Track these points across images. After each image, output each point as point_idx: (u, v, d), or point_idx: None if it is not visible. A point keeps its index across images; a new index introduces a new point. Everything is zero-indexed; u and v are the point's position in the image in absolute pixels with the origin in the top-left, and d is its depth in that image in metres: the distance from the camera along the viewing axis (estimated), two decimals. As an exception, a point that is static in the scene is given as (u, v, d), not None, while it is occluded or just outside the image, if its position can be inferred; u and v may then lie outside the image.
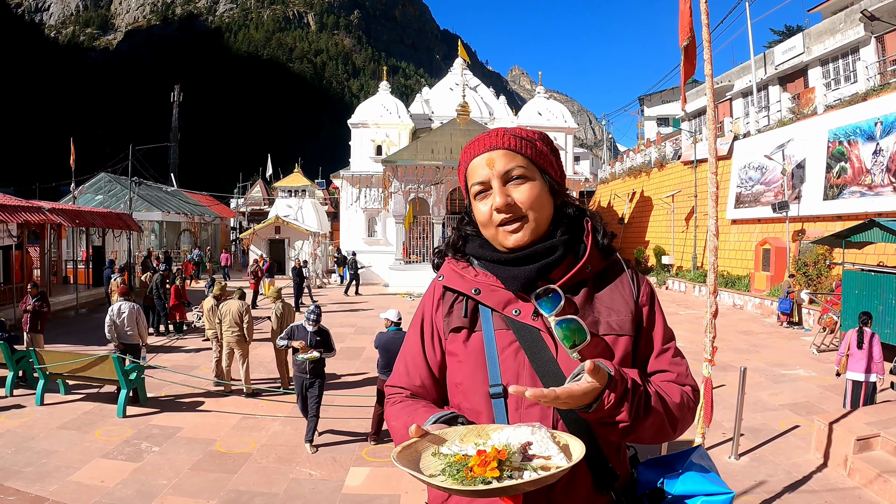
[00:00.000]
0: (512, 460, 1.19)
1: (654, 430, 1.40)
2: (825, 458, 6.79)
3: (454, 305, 1.59)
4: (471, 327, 1.55)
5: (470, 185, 1.56)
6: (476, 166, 1.54)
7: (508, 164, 1.50)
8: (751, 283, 20.35)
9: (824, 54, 24.22)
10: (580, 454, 1.20)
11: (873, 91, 18.47)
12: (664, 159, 31.75)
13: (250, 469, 6.60)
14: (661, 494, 1.52)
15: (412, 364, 1.65)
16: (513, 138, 1.52)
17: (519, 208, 1.49)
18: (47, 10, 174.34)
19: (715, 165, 4.90)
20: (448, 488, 1.16)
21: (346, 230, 29.44)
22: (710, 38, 4.86)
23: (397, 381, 1.67)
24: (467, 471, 1.17)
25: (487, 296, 1.53)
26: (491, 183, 1.51)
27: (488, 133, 1.56)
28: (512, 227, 1.50)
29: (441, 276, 1.65)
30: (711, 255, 4.92)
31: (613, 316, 1.52)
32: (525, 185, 1.50)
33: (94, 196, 33.91)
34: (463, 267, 1.61)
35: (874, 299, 11.99)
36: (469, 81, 32.39)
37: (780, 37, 38.80)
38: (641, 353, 1.56)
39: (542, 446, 1.23)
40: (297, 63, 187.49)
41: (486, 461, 1.17)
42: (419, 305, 1.70)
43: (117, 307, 9.58)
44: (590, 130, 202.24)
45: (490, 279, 1.55)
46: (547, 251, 1.51)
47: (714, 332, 5.00)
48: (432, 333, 1.63)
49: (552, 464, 1.19)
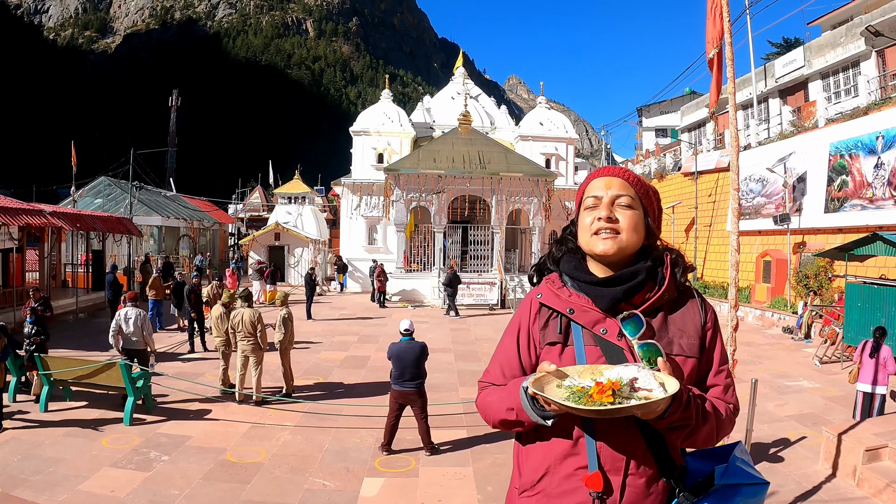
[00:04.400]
0: (623, 391, 1.49)
1: (706, 436, 1.69)
2: (834, 468, 6.81)
3: (549, 321, 1.84)
4: (564, 342, 1.80)
5: (585, 197, 1.86)
6: (595, 185, 1.84)
7: (621, 191, 1.81)
8: (751, 294, 20.39)
9: (825, 68, 24.36)
10: (675, 388, 1.48)
11: (874, 105, 18.58)
12: (664, 170, 31.84)
13: (263, 479, 6.54)
14: (711, 482, 1.74)
15: (507, 365, 1.91)
16: (632, 176, 1.86)
17: (617, 224, 1.77)
18: (46, 13, 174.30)
19: (737, 182, 4.90)
20: (567, 405, 1.47)
21: (347, 238, 29.35)
22: (732, 55, 4.86)
23: (492, 379, 1.93)
24: (587, 397, 1.48)
25: (580, 315, 1.78)
26: (602, 199, 1.80)
27: (615, 167, 1.94)
28: (605, 236, 1.77)
29: (540, 294, 1.88)
30: (732, 270, 4.93)
31: (685, 339, 1.79)
32: (628, 212, 1.79)
33: (93, 199, 33.79)
34: (559, 287, 1.86)
35: (877, 312, 12.02)
36: (470, 90, 32.43)
37: (779, 49, 39.03)
38: (702, 371, 1.83)
39: (646, 381, 1.53)
40: (296, 69, 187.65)
41: (603, 389, 1.47)
42: (515, 316, 1.96)
43: (124, 312, 9.53)
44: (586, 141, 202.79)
45: (582, 300, 1.80)
46: (631, 276, 1.77)
47: (734, 346, 5.00)
48: (528, 341, 1.88)
49: (653, 395, 1.48)
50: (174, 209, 37.53)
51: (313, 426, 8.38)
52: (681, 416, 1.59)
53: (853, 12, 25.88)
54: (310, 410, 9.07)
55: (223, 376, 10.02)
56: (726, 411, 1.76)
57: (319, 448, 7.52)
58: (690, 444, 1.72)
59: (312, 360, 12.81)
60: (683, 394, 1.59)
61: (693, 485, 1.75)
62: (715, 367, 1.83)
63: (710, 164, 26.04)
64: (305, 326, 16.28)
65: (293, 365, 10.24)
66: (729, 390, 1.82)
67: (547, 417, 1.63)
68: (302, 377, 10.98)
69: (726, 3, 4.76)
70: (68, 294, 19.46)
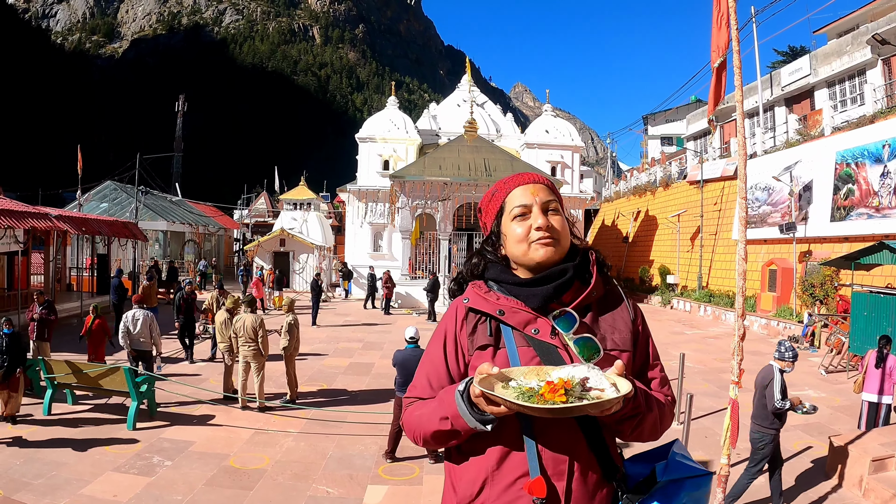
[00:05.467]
0: (574, 390, 1.44)
1: (651, 426, 1.69)
2: (840, 478, 6.78)
3: (478, 326, 1.77)
4: (496, 345, 1.74)
5: (510, 208, 1.82)
6: (519, 194, 1.82)
7: (548, 197, 1.80)
8: (757, 303, 20.30)
9: (831, 76, 24.34)
10: (628, 388, 1.45)
11: (881, 113, 18.54)
12: (669, 179, 31.78)
13: (266, 485, 6.52)
14: (653, 480, 1.73)
15: (435, 376, 1.80)
16: (549, 181, 1.87)
17: (555, 230, 1.76)
18: (54, 17, 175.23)
19: (744, 191, 4.87)
20: (521, 404, 1.40)
21: (352, 244, 29.39)
22: (740, 63, 4.84)
23: (419, 393, 1.82)
24: (538, 397, 1.42)
25: (510, 316, 1.73)
26: (532, 208, 1.78)
27: (529, 172, 1.90)
28: (546, 242, 1.74)
29: (467, 299, 1.82)
30: (739, 279, 4.89)
31: (617, 335, 1.78)
32: (558, 217, 1.80)
33: (99, 203, 33.91)
34: (485, 291, 1.80)
35: (883, 321, 11.95)
36: (476, 98, 32.47)
37: (785, 58, 39.04)
38: (636, 366, 1.82)
39: (598, 381, 1.49)
40: (302, 76, 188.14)
41: (555, 389, 1.42)
42: (440, 324, 1.88)
43: (132, 314, 9.77)
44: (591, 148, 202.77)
45: (511, 302, 1.75)
46: (560, 273, 1.75)
47: (742, 355, 4.96)
48: (456, 349, 1.79)
49: (605, 395, 1.44)
50: (180, 214, 37.62)
51: (317, 433, 8.36)
52: (632, 407, 1.58)
53: (859, 21, 25.89)
54: (313, 417, 9.05)
55: (226, 382, 10.00)
56: (666, 402, 1.77)
57: (323, 455, 7.49)
58: (637, 436, 1.69)
59: (316, 366, 12.79)
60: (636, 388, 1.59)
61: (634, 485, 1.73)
62: (651, 362, 1.85)
63: (716, 172, 26.00)
64: (310, 333, 16.26)
65: (296, 370, 10.22)
66: (664, 382, 1.84)
67: (486, 422, 1.54)
68: (306, 383, 10.96)
69: (734, 12, 4.74)
70: (73, 298, 19.51)
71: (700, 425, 8.71)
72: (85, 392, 9.20)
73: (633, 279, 31.31)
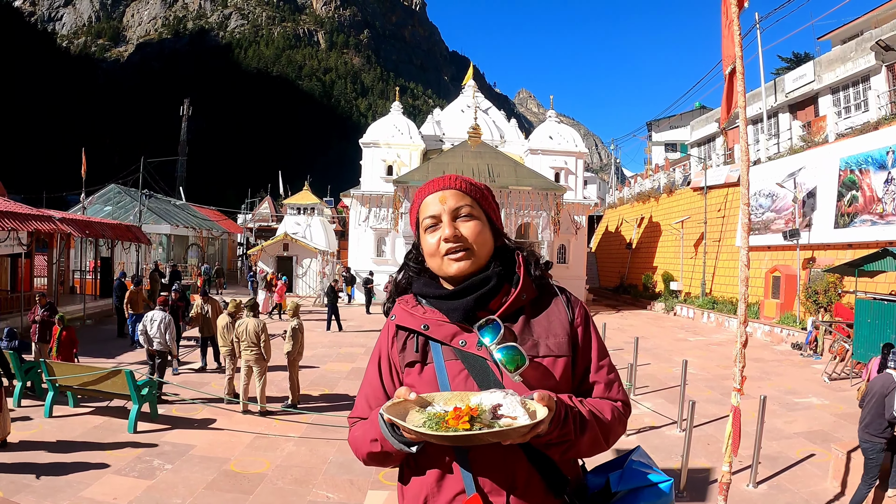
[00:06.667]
0: (482, 418, 1.38)
1: (589, 445, 1.57)
2: (843, 486, 6.74)
3: (407, 342, 1.72)
4: (423, 360, 1.69)
5: (422, 219, 1.75)
6: (429, 203, 1.73)
7: (458, 203, 1.70)
8: (760, 310, 20.24)
9: (835, 82, 24.31)
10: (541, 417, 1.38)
11: (885, 120, 18.51)
12: (673, 185, 31.76)
13: (266, 490, 6.50)
14: (609, 492, 1.68)
15: (372, 396, 1.77)
16: (463, 182, 1.74)
17: (466, 240, 1.67)
18: (60, 20, 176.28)
19: (747, 197, 4.85)
20: (420, 431, 1.36)
21: (355, 249, 29.40)
22: (742, 69, 4.84)
23: (359, 413, 1.79)
24: (444, 423, 1.38)
25: (435, 330, 1.68)
26: (441, 217, 1.70)
27: (442, 177, 1.77)
28: (457, 256, 1.67)
29: (393, 316, 1.77)
30: (742, 286, 4.87)
31: (552, 339, 1.68)
32: (471, 223, 1.70)
33: (103, 206, 34.02)
34: (412, 306, 1.75)
35: (887, 328, 11.88)
36: (480, 104, 32.50)
37: (789, 64, 39.04)
38: (578, 370, 1.72)
39: (511, 408, 1.41)
40: (306, 81, 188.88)
41: (460, 416, 1.37)
42: (375, 345, 1.83)
43: (150, 315, 10.15)
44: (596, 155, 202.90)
45: (436, 315, 1.70)
46: (482, 282, 1.68)
47: (744, 362, 4.94)
48: (390, 368, 1.76)
49: (518, 423, 1.36)
50: (183, 218, 37.71)
51: (318, 437, 8.35)
52: (559, 434, 1.47)
53: (863, 27, 25.88)
54: (315, 422, 9.04)
55: (228, 386, 10.00)
56: (612, 412, 1.65)
57: (324, 460, 7.47)
58: (573, 456, 1.60)
59: (318, 371, 12.78)
60: (560, 410, 1.47)
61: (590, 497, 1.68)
62: (594, 364, 1.73)
63: (720, 178, 25.98)
64: (313, 337, 16.23)
65: (299, 375, 10.21)
66: (613, 386, 1.72)
67: (410, 444, 1.50)
68: (308, 388, 10.94)
69: (737, 17, 4.74)
70: (76, 300, 19.56)
71: (703, 432, 8.67)
72: (86, 395, 9.20)
73: (637, 286, 31.28)
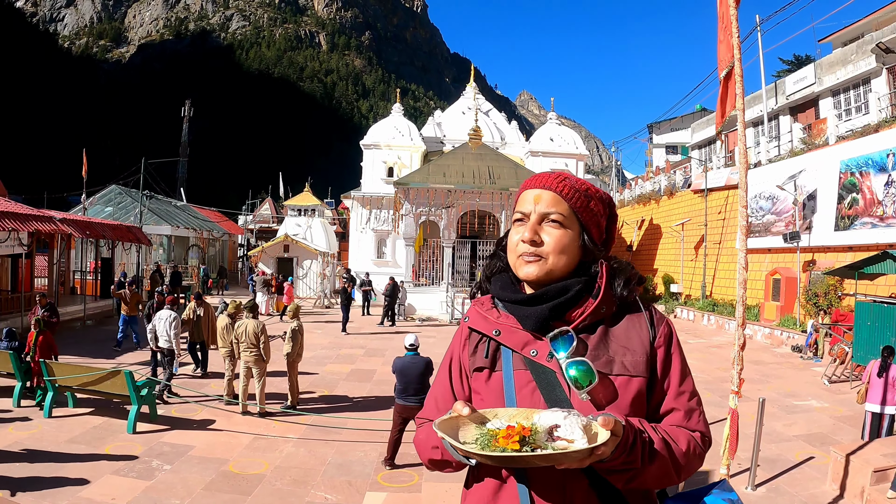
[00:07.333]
0: (536, 438, 1.29)
1: (657, 477, 1.45)
2: (842, 489, 6.73)
3: (478, 346, 1.66)
4: (492, 367, 1.62)
5: (516, 210, 1.67)
6: (525, 198, 1.64)
7: (550, 207, 1.59)
8: (760, 312, 20.23)
9: (836, 85, 24.32)
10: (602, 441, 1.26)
11: (885, 122, 18.49)
12: (674, 187, 31.74)
13: (265, 491, 6.50)
14: None
15: (441, 399, 1.72)
16: (567, 186, 1.61)
17: (542, 246, 1.58)
18: (61, 21, 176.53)
19: (745, 199, 4.86)
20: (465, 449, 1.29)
21: (356, 250, 29.44)
22: (741, 71, 4.85)
23: (427, 414, 1.74)
24: (494, 441, 1.29)
25: (507, 337, 1.60)
26: (530, 216, 1.61)
27: (550, 173, 1.66)
28: (529, 259, 1.58)
29: (467, 318, 1.72)
30: (740, 289, 4.87)
31: (628, 356, 1.57)
32: (557, 231, 1.59)
33: (103, 207, 34.02)
34: (487, 308, 1.68)
35: (887, 331, 11.88)
36: (481, 106, 32.53)
37: (790, 66, 39.02)
38: (656, 393, 1.61)
39: (569, 430, 1.30)
40: (308, 82, 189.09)
41: (510, 435, 1.28)
42: (450, 345, 1.79)
43: (159, 314, 10.43)
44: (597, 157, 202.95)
45: (511, 320, 1.62)
46: (560, 291, 1.58)
47: (741, 365, 4.94)
48: (460, 372, 1.71)
49: (572, 448, 1.25)
50: (184, 219, 37.71)
51: (317, 439, 8.35)
52: (622, 461, 1.35)
53: (864, 29, 25.90)
54: (314, 423, 9.04)
55: (227, 387, 10.01)
56: (689, 442, 1.52)
57: (322, 461, 7.48)
58: (638, 486, 1.47)
59: (318, 372, 12.79)
60: (629, 435, 1.35)
61: None
62: (674, 390, 1.60)
63: (721, 181, 25.95)
64: (313, 339, 16.23)
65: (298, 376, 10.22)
66: (693, 415, 1.59)
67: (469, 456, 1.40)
68: (307, 389, 10.95)
69: (735, 19, 4.75)
70: (76, 301, 19.57)
71: (701, 434, 8.65)
72: (85, 395, 9.21)
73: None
